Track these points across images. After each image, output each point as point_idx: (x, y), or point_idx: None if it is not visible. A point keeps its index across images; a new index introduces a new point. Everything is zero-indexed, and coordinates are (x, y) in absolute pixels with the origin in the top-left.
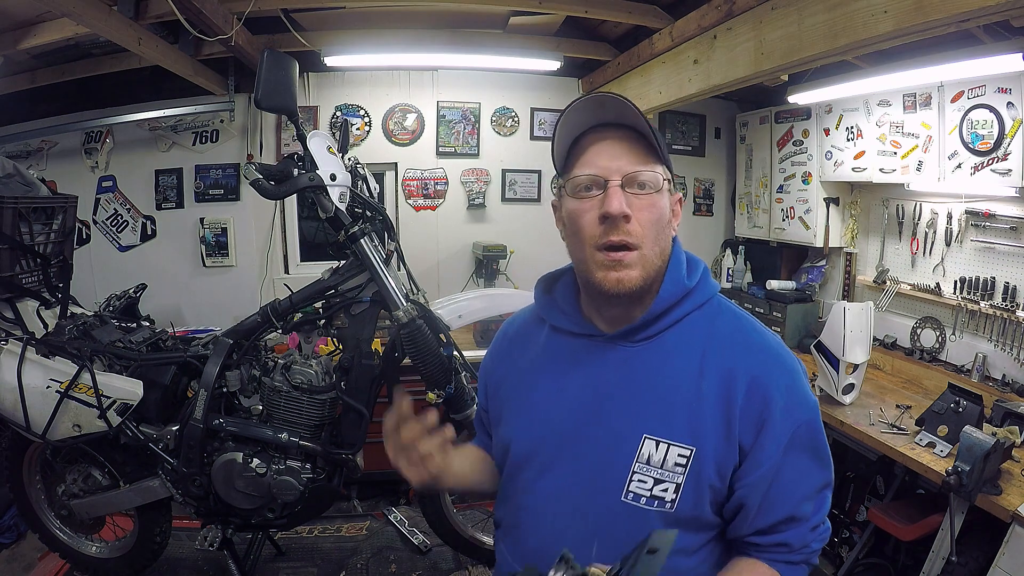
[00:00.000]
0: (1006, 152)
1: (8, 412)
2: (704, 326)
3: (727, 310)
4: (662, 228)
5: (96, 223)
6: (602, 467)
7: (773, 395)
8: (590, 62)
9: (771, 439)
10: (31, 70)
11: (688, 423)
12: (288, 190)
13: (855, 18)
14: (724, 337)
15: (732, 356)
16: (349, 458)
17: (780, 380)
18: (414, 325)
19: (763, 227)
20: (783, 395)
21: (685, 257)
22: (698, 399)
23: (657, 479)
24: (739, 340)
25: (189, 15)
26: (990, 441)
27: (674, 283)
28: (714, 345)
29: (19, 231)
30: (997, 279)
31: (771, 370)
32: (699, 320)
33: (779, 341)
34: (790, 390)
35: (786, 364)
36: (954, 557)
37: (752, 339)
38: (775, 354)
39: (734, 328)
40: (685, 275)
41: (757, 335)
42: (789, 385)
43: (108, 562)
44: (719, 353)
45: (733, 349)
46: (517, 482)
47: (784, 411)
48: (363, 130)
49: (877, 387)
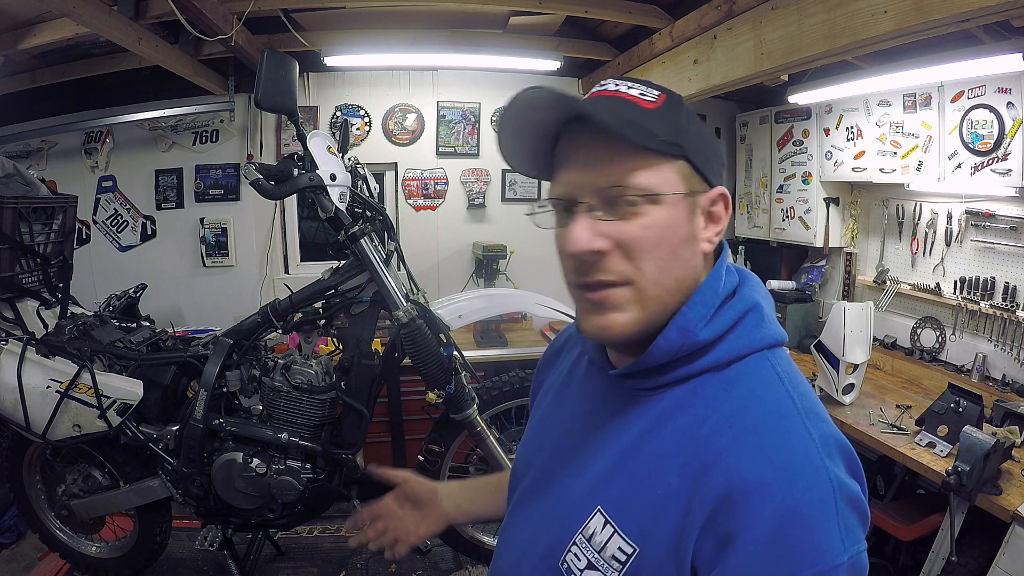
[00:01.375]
0: (1006, 152)
1: (8, 412)
2: (717, 397)
3: (760, 379)
4: (671, 251)
5: (96, 223)
6: (556, 520)
7: (750, 524)
8: (590, 62)
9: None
10: (31, 70)
11: (642, 516)
12: (288, 190)
13: (855, 18)
14: (727, 417)
15: (718, 451)
16: (349, 458)
17: (771, 507)
18: (414, 325)
19: (763, 227)
20: (768, 531)
21: (724, 287)
22: (664, 492)
23: (591, 563)
24: (740, 430)
25: (189, 15)
26: (990, 441)
27: (679, 330)
28: (710, 426)
29: (19, 231)
30: (997, 279)
31: (763, 488)
32: (715, 386)
33: (813, 451)
34: (781, 531)
35: (797, 487)
36: (954, 557)
37: (761, 437)
38: (787, 471)
39: (752, 407)
40: (702, 321)
41: (774, 432)
42: (783, 524)
43: (108, 562)
44: (711, 439)
45: (724, 441)
46: (510, 503)
47: (761, 558)
48: (363, 130)
49: (877, 387)
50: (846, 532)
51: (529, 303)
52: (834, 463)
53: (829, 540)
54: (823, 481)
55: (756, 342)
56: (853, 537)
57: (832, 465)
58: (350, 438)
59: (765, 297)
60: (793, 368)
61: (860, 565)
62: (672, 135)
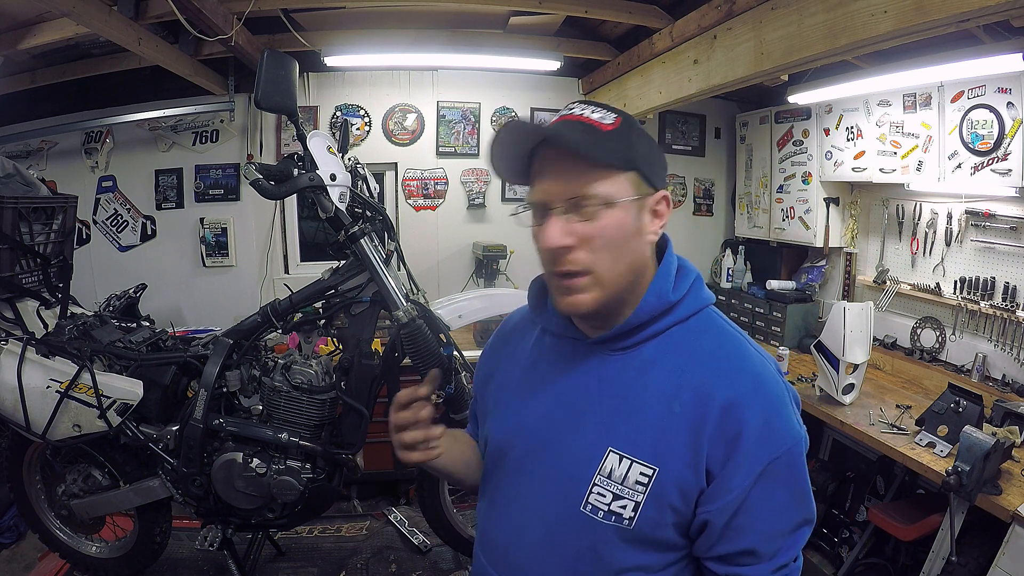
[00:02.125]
0: (1006, 152)
1: (8, 412)
2: (688, 342)
3: (716, 327)
4: (623, 244)
5: (96, 223)
6: (566, 474)
7: (748, 422)
8: (590, 62)
9: (741, 468)
10: (31, 70)
11: (654, 442)
12: (288, 190)
13: (855, 18)
14: (705, 356)
15: (710, 377)
16: (349, 458)
17: (758, 407)
18: (414, 325)
19: (763, 227)
20: (759, 423)
21: (677, 265)
22: (668, 418)
23: (616, 495)
24: (720, 361)
25: (189, 15)
26: (990, 441)
27: (657, 296)
28: (692, 364)
29: (19, 231)
30: (997, 279)
31: (750, 396)
32: (682, 335)
33: (768, 366)
34: (768, 419)
35: (769, 391)
36: (954, 557)
37: (735, 361)
38: (758, 379)
39: (718, 347)
40: (671, 287)
41: (741, 357)
42: (768, 414)
43: (108, 562)
44: (696, 372)
45: (712, 370)
46: (491, 479)
47: (759, 440)
48: (363, 130)
49: (877, 387)
50: (797, 417)
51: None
52: (779, 375)
53: (792, 423)
54: (781, 384)
55: (704, 300)
56: (800, 421)
57: (779, 375)
58: (350, 438)
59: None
60: (728, 320)
61: (807, 440)
62: (625, 151)
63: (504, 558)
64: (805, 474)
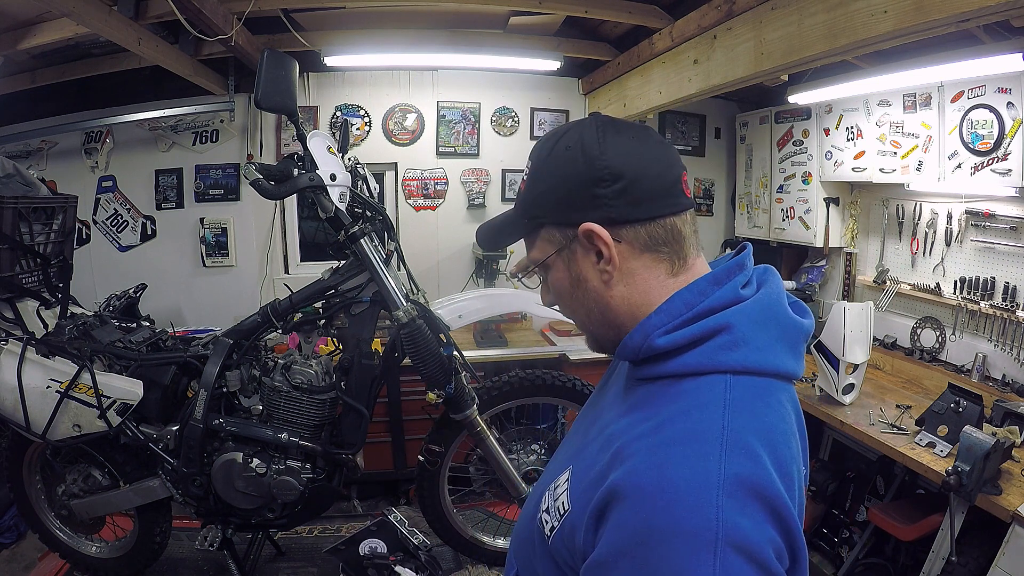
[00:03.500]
0: (1006, 152)
1: (8, 412)
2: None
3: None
4: (573, 297)
5: (96, 223)
6: (557, 465)
7: (612, 531)
8: (590, 62)
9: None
10: (31, 70)
11: (582, 484)
12: (288, 190)
13: (855, 18)
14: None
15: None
16: (349, 458)
17: (643, 515)
18: (414, 325)
19: (763, 227)
20: (631, 535)
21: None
22: (597, 470)
23: (548, 507)
24: (655, 439)
25: (189, 15)
26: (990, 441)
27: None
28: (641, 427)
29: (19, 231)
30: (997, 279)
31: (634, 502)
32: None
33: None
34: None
35: (664, 515)
36: (954, 557)
37: (665, 451)
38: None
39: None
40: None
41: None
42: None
43: (108, 562)
44: (635, 438)
45: (640, 444)
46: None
47: (621, 558)
48: (363, 130)
49: (877, 387)
50: (724, 566)
51: (529, 303)
52: (735, 504)
53: (695, 571)
54: (705, 516)
55: (719, 363)
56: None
57: (728, 505)
58: (350, 438)
59: (761, 324)
60: (757, 403)
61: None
62: (528, 210)
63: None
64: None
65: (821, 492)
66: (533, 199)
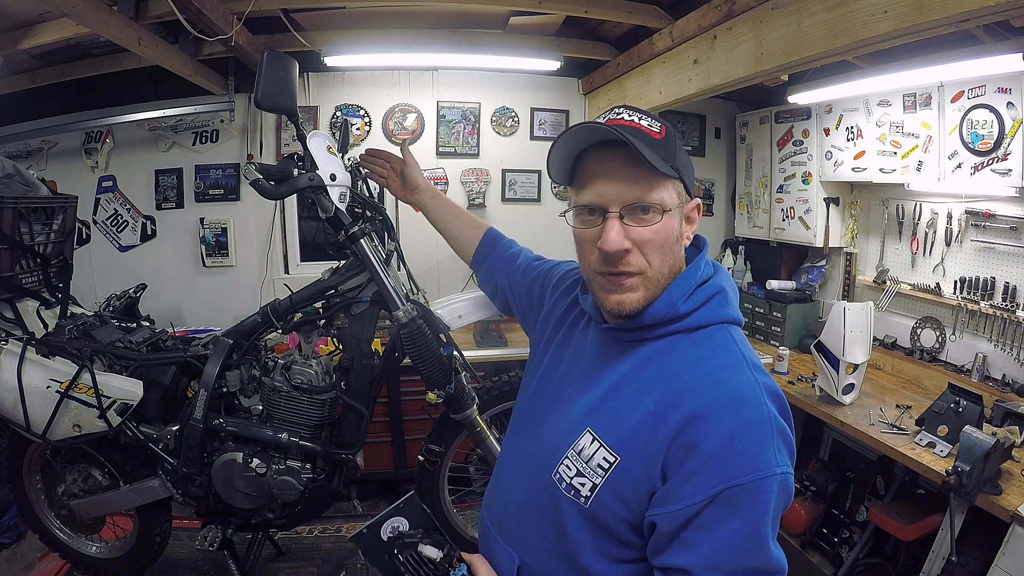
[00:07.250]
0: (1006, 152)
1: (8, 412)
2: (684, 349)
3: (718, 342)
4: (670, 248)
5: (96, 223)
6: (551, 441)
7: (707, 437)
8: (590, 62)
9: (692, 480)
10: (31, 70)
11: (625, 434)
12: (288, 190)
13: (855, 18)
14: (691, 365)
15: (687, 385)
16: (349, 458)
17: (724, 425)
18: (414, 325)
19: (763, 227)
20: (719, 442)
21: (701, 274)
22: (642, 415)
23: (579, 471)
24: (705, 373)
25: (189, 15)
26: (990, 441)
27: (668, 304)
28: (679, 369)
29: (19, 231)
30: (997, 279)
31: (718, 412)
32: (683, 342)
33: (757, 393)
34: (732, 441)
35: (744, 414)
36: (954, 557)
37: (719, 376)
38: (736, 400)
39: (707, 360)
40: (682, 298)
41: (728, 375)
42: (734, 435)
43: (108, 562)
44: (678, 378)
45: (692, 378)
46: (509, 430)
47: (716, 458)
48: (363, 130)
49: (877, 387)
50: (778, 454)
51: None
52: (771, 402)
53: (766, 456)
54: (764, 412)
55: (719, 316)
56: (783, 460)
57: (770, 404)
58: (350, 438)
59: (731, 287)
60: (746, 341)
61: (787, 484)
62: (673, 161)
63: (494, 508)
64: (768, 516)
65: (821, 492)
66: (675, 153)
